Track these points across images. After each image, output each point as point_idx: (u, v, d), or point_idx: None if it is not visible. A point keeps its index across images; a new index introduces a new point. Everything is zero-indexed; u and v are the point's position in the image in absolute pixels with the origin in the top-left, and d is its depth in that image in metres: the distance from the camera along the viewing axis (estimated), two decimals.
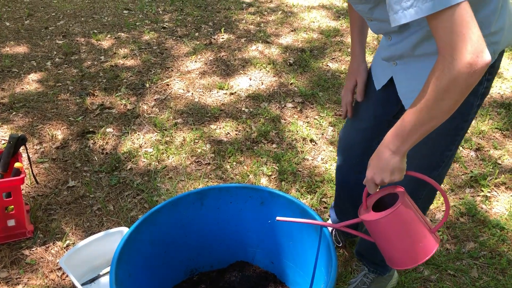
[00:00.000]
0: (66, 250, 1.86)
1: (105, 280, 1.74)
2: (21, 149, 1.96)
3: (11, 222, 1.86)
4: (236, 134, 2.61)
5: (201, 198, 1.44)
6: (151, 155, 2.42)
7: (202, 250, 1.54)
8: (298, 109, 2.85)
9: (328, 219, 2.01)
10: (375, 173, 1.11)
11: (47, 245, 1.88)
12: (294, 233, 1.43)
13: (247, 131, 2.62)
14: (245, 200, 1.47)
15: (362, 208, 1.18)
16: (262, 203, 1.46)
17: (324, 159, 2.43)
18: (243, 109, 2.82)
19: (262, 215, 1.48)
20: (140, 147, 2.49)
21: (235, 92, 3.01)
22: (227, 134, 2.60)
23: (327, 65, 3.38)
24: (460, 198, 2.16)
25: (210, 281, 1.54)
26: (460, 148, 2.48)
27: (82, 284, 1.70)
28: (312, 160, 2.42)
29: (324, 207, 2.10)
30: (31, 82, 3.09)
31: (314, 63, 3.39)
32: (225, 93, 3.01)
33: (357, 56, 1.46)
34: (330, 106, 2.88)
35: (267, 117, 2.74)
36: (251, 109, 2.82)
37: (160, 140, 2.54)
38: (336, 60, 3.45)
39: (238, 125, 2.68)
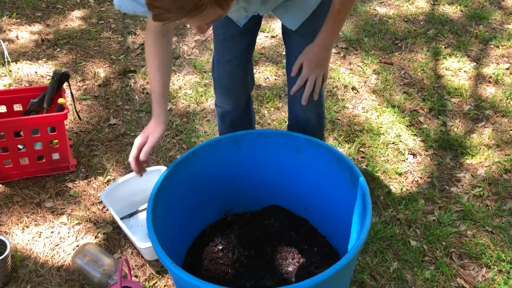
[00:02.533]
0: (107, 185, 1.93)
1: (143, 215, 1.81)
2: (65, 85, 2.00)
3: (56, 156, 1.94)
4: (275, 79, 2.57)
5: (237, 142, 1.44)
6: (190, 96, 2.43)
7: (237, 192, 1.56)
8: (341, 55, 2.76)
9: (367, 167, 1.99)
10: (319, 70, 1.42)
11: (89, 179, 1.96)
12: (329, 181, 1.42)
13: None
14: (281, 146, 1.46)
15: None
16: (297, 150, 1.45)
17: (365, 108, 2.37)
18: (284, 53, 2.75)
19: (298, 162, 1.47)
20: (179, 88, 2.50)
21: (276, 35, 2.93)
22: (266, 79, 2.57)
23: (375, 9, 3.22)
24: (505, 155, 2.07)
25: (243, 222, 1.57)
26: (510, 102, 2.37)
27: (121, 218, 1.78)
28: (353, 108, 2.36)
29: (362, 157, 2.07)
30: (74, 19, 3.11)
31: (361, 6, 3.24)
32: (266, 36, 2.94)
33: (157, 114, 1.35)
34: (375, 52, 2.78)
35: None
36: None
37: (200, 82, 2.54)
38: (384, 4, 3.28)
39: (278, 69, 2.63)
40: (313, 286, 1.04)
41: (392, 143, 2.14)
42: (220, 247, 1.46)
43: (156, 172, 1.83)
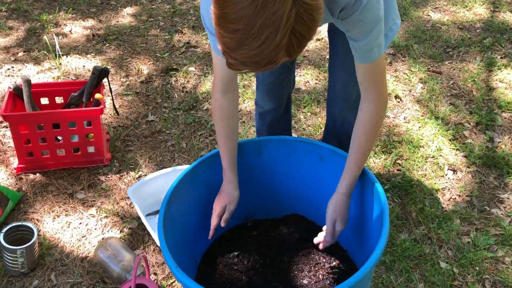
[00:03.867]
0: (137, 181, 1.96)
1: None
2: (105, 81, 2.05)
3: (91, 149, 1.99)
4: (315, 83, 2.51)
5: (259, 148, 1.41)
6: None
7: (258, 199, 1.53)
8: (388, 61, 2.66)
9: (401, 181, 1.90)
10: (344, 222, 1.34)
11: (121, 174, 2.00)
12: (352, 195, 1.36)
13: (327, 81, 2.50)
14: (303, 154, 1.42)
15: None
16: (321, 160, 1.40)
17: (407, 118, 2.27)
18: (327, 57, 2.69)
19: (321, 171, 1.42)
20: None
21: (322, 38, 2.87)
22: (306, 83, 2.52)
23: (428, 15, 3.08)
24: None
25: (263, 229, 1.54)
26: None
27: (147, 215, 1.80)
28: (394, 118, 2.27)
29: (398, 170, 1.98)
30: (125, 15, 3.19)
31: (414, 11, 3.11)
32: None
33: (230, 180, 1.37)
34: (424, 60, 2.66)
35: None
36: None
37: (238, 83, 2.53)
38: (439, 10, 3.14)
39: (320, 74, 2.58)
40: None
41: (432, 157, 2.04)
42: (236, 253, 1.44)
43: None
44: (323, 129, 2.19)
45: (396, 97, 2.40)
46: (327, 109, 1.70)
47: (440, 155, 2.04)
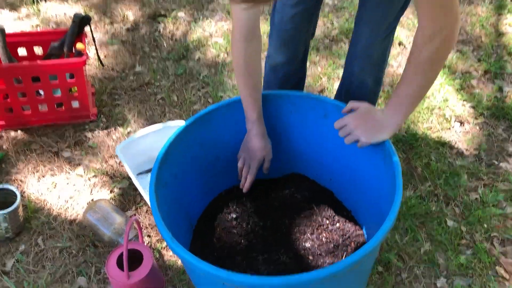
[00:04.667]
0: (127, 137, 1.84)
1: None
2: (88, 29, 1.89)
3: (75, 104, 1.86)
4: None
5: None
6: (221, 46, 2.27)
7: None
8: None
9: (406, 134, 1.80)
10: (361, 132, 1.18)
11: (108, 130, 1.88)
12: (358, 152, 1.26)
13: (327, 27, 2.35)
14: (306, 110, 1.30)
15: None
16: (325, 116, 1.29)
17: None
18: (326, 0, 2.52)
19: (325, 129, 1.31)
20: (210, 35, 2.34)
21: None
22: None
23: None
24: None
25: (262, 189, 1.45)
26: None
27: (139, 174, 1.70)
28: (397, 67, 2.14)
29: None
30: None
31: None
32: None
33: (261, 133, 1.32)
34: None
35: (352, 12, 2.43)
36: (336, 1, 2.51)
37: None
38: None
39: (320, 18, 2.41)
40: (327, 276, 0.92)
41: (438, 108, 1.93)
42: (234, 216, 1.36)
43: (176, 127, 1.72)
44: (323, 79, 2.06)
45: (400, 44, 2.25)
46: (345, 66, 1.56)
47: (447, 106, 1.94)
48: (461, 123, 1.88)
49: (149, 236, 1.52)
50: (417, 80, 1.08)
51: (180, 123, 1.72)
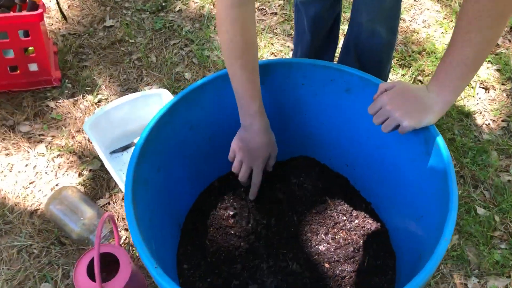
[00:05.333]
0: (97, 107, 1.55)
1: None
2: None
3: (33, 67, 1.54)
4: None
5: (261, 75, 1.01)
6: None
7: None
8: None
9: None
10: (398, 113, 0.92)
11: (75, 98, 1.58)
12: (388, 136, 1.01)
13: None
14: (323, 83, 1.03)
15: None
16: (347, 91, 1.02)
17: (427, 21, 1.86)
18: None
19: (345, 106, 1.05)
20: None
21: None
22: None
23: None
24: None
25: (265, 177, 1.19)
26: None
27: (112, 152, 1.42)
28: (410, 21, 1.86)
29: None
30: None
31: None
32: None
33: (265, 126, 1.04)
34: None
35: None
36: None
37: None
38: None
39: None
40: None
41: None
42: (231, 212, 1.11)
43: (156, 97, 1.44)
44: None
45: None
46: (351, 19, 1.29)
47: None
48: (486, 89, 1.63)
49: (127, 229, 1.27)
50: (473, 42, 0.81)
51: (160, 92, 1.43)
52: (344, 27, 1.73)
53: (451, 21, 1.85)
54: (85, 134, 1.47)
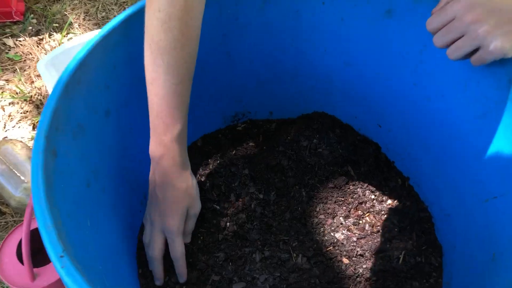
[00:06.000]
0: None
1: None
2: None
3: None
4: None
5: None
6: None
7: (256, 86, 0.86)
8: None
9: None
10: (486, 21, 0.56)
11: (40, 37, 1.28)
12: (446, 81, 0.70)
13: None
14: (354, 2, 0.71)
15: None
16: (389, 12, 0.70)
17: None
18: None
19: (384, 36, 0.73)
20: None
21: None
22: None
23: None
24: None
25: (264, 138, 0.89)
26: None
27: None
28: None
29: None
30: None
31: None
32: None
33: (184, 164, 0.68)
34: None
35: None
36: None
37: None
38: None
39: None
40: None
41: None
42: (216, 182, 0.80)
43: None
44: None
45: None
46: None
47: None
48: None
49: None
50: None
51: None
52: None
53: None
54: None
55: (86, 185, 0.62)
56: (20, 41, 1.26)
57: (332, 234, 0.77)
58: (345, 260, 0.74)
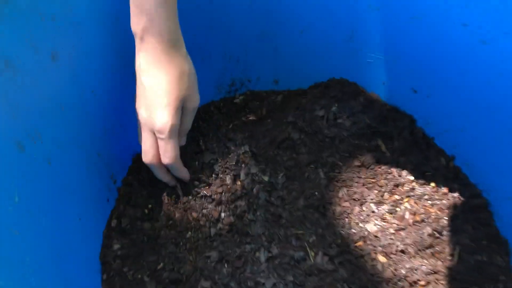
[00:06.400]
0: None
1: None
2: None
3: None
4: None
5: None
6: None
7: (257, 38, 0.68)
8: None
9: None
10: None
11: None
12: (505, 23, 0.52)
13: None
14: None
15: None
16: None
17: None
18: None
19: None
20: None
21: None
22: None
23: None
24: None
25: (268, 110, 0.71)
26: None
27: None
28: None
29: None
30: None
31: None
32: None
33: (178, 46, 0.52)
34: None
35: None
36: None
37: None
38: None
39: None
40: None
41: None
42: (208, 158, 0.62)
43: None
44: None
45: None
46: None
47: None
48: None
49: None
50: None
51: None
52: None
53: None
54: None
55: (17, 147, 0.44)
56: None
57: (361, 225, 0.58)
58: (382, 258, 0.55)
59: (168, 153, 0.53)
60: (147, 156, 0.54)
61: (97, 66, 0.55)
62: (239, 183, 0.60)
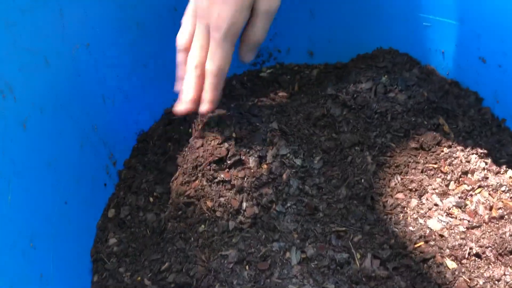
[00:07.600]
0: None
1: None
2: None
3: None
4: None
5: None
6: None
7: (288, 5, 0.58)
8: None
9: None
10: None
11: None
12: None
13: None
14: None
15: None
16: None
17: None
18: None
19: None
20: None
21: None
22: None
23: None
24: None
25: (300, 85, 0.60)
26: None
27: None
28: None
29: None
30: None
31: None
32: None
33: None
34: None
35: None
36: None
37: None
38: None
39: None
40: None
41: None
42: (229, 137, 0.50)
43: None
44: None
45: None
46: None
47: None
48: None
49: None
50: None
51: None
52: None
53: None
54: None
55: None
56: None
57: (421, 221, 0.45)
58: (451, 264, 0.42)
59: (216, 57, 0.43)
60: (193, 58, 0.44)
61: (93, 15, 0.44)
62: (265, 166, 0.48)
